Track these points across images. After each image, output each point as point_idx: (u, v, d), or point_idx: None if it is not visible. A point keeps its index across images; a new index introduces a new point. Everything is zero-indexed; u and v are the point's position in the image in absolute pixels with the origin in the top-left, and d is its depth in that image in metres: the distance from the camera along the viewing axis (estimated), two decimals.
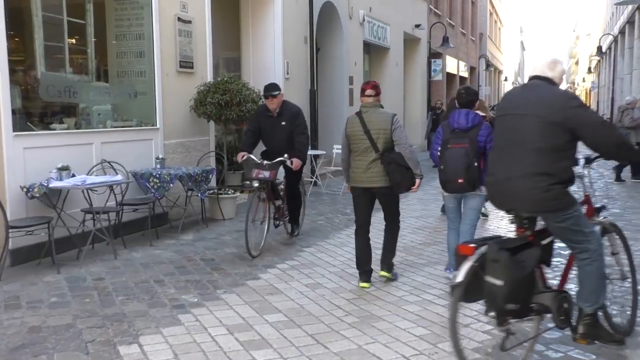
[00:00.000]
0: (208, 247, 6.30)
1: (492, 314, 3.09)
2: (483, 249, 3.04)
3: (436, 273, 5.37)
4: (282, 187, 6.50)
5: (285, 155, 6.00)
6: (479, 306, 4.01)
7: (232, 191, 8.08)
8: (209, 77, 8.31)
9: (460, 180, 4.68)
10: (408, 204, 6.17)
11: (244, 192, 9.38)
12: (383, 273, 5.10)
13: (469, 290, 2.99)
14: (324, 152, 10.85)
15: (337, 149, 10.91)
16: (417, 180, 4.91)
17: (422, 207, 8.75)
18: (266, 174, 5.91)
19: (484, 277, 3.00)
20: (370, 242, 5.12)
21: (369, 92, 5.03)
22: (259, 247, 6.00)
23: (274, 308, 4.41)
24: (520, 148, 3.11)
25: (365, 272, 4.98)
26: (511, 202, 3.17)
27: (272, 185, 6.18)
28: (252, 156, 6.03)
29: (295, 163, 6.01)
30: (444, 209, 8.78)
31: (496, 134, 3.34)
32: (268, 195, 6.13)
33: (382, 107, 5.06)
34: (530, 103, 3.13)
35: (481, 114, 8.09)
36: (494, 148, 3.34)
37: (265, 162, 5.97)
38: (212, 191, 7.80)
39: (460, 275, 2.99)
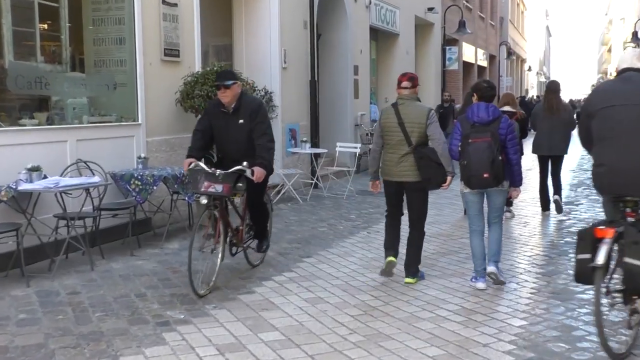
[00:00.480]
0: (195, 257, 6.27)
1: (617, 294, 3.71)
2: (620, 229, 3.68)
3: (451, 286, 5.36)
4: (241, 202, 5.67)
5: (245, 164, 5.12)
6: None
7: None
8: (197, 67, 8.31)
9: (485, 175, 5.06)
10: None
11: (237, 196, 9.36)
12: (408, 280, 5.49)
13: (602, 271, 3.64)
14: (326, 151, 10.87)
15: (340, 147, 10.92)
16: (449, 178, 5.33)
17: (436, 211, 8.76)
18: (219, 187, 5.06)
19: (622, 259, 3.62)
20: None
21: (405, 84, 5.45)
22: (209, 282, 5.11)
23: (270, 325, 4.41)
24: (634, 137, 3.73)
25: (391, 248, 5.56)
26: (630, 188, 3.78)
27: (227, 201, 5.40)
28: (201, 164, 5.17)
29: (257, 173, 5.15)
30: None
31: (599, 126, 3.88)
32: (222, 214, 5.20)
33: (419, 100, 5.51)
34: (634, 94, 3.79)
35: (510, 109, 8.17)
36: (599, 139, 3.89)
37: (218, 171, 5.08)
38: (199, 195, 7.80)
39: (600, 257, 3.61)
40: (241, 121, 5.31)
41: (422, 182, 5.34)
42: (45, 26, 7.25)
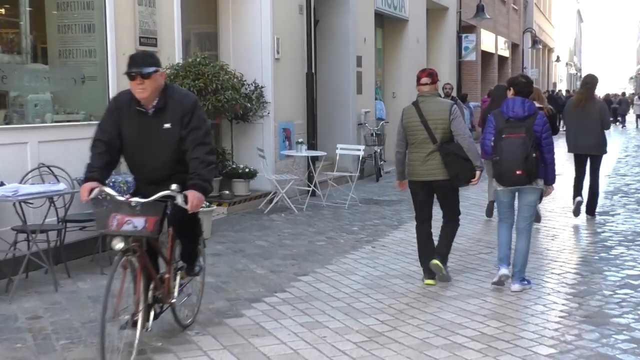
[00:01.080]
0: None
1: None
2: None
3: (469, 308, 5.37)
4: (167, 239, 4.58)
5: (174, 187, 4.05)
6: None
7: (207, 204, 8.09)
8: (178, 58, 8.34)
9: (518, 172, 5.54)
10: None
11: (223, 205, 9.40)
12: (436, 262, 5.91)
13: None
14: (325, 154, 10.88)
15: (341, 149, 10.94)
16: (477, 173, 5.85)
17: None
18: (138, 222, 4.00)
19: None
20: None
21: (424, 80, 5.98)
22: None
23: (261, 354, 4.41)
24: None
25: (426, 256, 5.96)
26: None
27: (150, 243, 4.30)
28: (108, 189, 4.15)
29: (193, 200, 4.10)
30: (489, 212, 9.18)
31: None
32: (142, 261, 4.15)
33: (440, 96, 5.96)
34: None
35: (537, 105, 8.66)
36: None
37: (134, 200, 4.06)
38: None
39: None
40: (167, 126, 4.26)
41: (451, 180, 5.87)
42: (2, 11, 7.27)
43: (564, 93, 38.20)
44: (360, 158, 11.78)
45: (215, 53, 10.47)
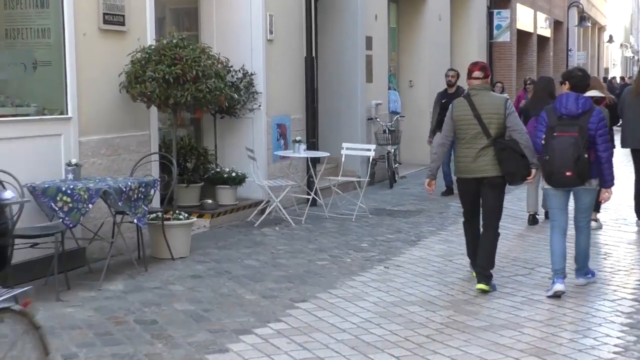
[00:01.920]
0: (148, 303, 6.31)
1: None
2: None
3: (503, 342, 5.37)
4: None
5: None
6: None
7: (186, 215, 8.09)
8: (150, 40, 8.34)
9: (568, 173, 6.18)
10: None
11: (205, 217, 9.40)
12: (480, 286, 6.54)
13: None
14: (328, 155, 10.87)
15: (347, 149, 10.93)
16: (533, 170, 6.59)
17: None
18: None
19: None
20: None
21: (476, 74, 6.74)
22: None
23: None
24: None
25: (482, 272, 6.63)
26: None
27: None
28: None
29: None
30: (533, 220, 9.69)
31: None
32: None
33: (493, 90, 6.94)
34: None
35: (597, 94, 8.85)
36: None
37: None
38: (154, 215, 7.83)
39: None
40: None
41: (502, 177, 6.59)
42: None
43: (618, 80, 38.19)
44: (371, 160, 11.77)
45: (196, 33, 10.48)
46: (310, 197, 10.70)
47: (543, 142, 6.37)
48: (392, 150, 13.52)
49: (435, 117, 12.09)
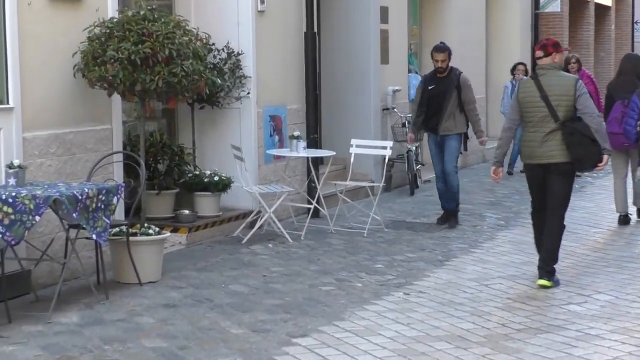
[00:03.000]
0: (109, 339, 6.27)
1: None
2: None
3: None
4: None
5: None
6: None
7: (157, 229, 8.06)
8: (112, 11, 8.33)
9: None
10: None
11: (181, 231, 9.37)
12: (542, 282, 7.50)
13: None
14: (333, 154, 10.83)
15: (357, 147, 10.88)
16: (605, 157, 7.40)
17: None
18: None
19: None
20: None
21: (537, 53, 7.62)
22: None
23: None
24: None
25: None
26: None
27: None
28: None
29: None
30: (624, 219, 10.51)
31: None
32: None
33: (563, 70, 7.79)
34: None
35: None
36: None
37: None
38: (117, 230, 7.81)
39: None
40: None
41: (571, 163, 7.45)
42: None
43: None
44: (387, 160, 11.74)
45: (169, 2, 10.48)
46: (312, 206, 10.68)
47: (639, 129, 7.41)
48: (414, 148, 13.49)
49: (418, 106, 11.13)
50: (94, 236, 7.02)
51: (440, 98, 10.74)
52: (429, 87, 10.93)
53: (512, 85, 15.40)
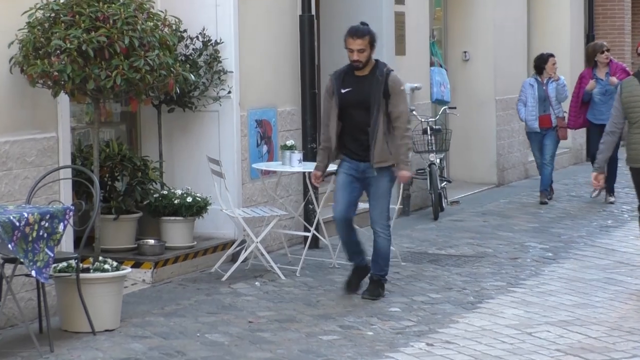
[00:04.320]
0: None
1: None
2: None
3: None
4: None
5: None
6: None
7: (115, 264, 8.08)
8: None
9: None
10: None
11: (144, 266, 9.38)
12: None
13: None
14: (336, 169, 10.85)
15: None
16: None
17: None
18: None
19: None
20: None
21: None
22: None
23: None
24: None
25: None
26: None
27: None
28: None
29: None
30: None
31: None
32: None
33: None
34: None
35: None
36: None
37: None
38: (64, 264, 7.84)
39: None
40: None
41: None
42: None
43: None
44: None
45: None
46: (310, 234, 10.72)
47: None
48: (438, 161, 13.51)
49: (325, 121, 9.61)
50: (33, 273, 7.01)
51: (360, 108, 9.23)
52: (342, 91, 9.33)
53: (537, 82, 14.58)
